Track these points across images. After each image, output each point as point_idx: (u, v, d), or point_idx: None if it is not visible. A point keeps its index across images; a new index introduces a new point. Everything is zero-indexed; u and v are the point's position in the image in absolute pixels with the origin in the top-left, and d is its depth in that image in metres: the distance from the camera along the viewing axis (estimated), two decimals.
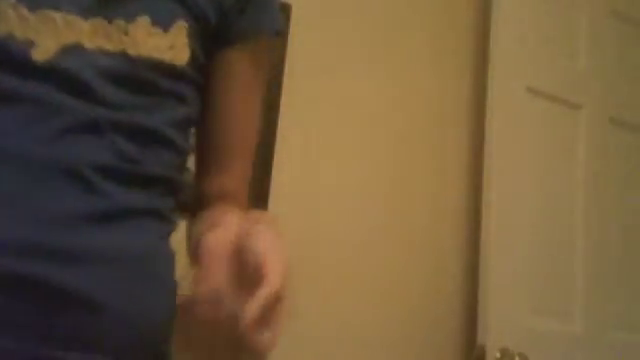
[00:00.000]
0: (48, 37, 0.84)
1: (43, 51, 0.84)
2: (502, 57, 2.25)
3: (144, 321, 0.85)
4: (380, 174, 2.33)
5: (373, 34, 2.37)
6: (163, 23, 0.89)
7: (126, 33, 0.87)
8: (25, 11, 0.84)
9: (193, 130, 1.03)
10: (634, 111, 2.58)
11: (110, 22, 0.87)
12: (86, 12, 0.86)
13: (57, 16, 0.84)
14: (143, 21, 0.88)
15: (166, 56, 0.89)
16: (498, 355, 2.05)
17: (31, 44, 0.83)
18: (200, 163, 1.03)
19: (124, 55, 0.87)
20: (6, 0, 0.83)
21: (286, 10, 2.17)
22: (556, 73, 2.39)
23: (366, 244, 2.26)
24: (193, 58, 0.93)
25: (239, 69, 1.01)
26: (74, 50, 0.85)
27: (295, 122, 2.17)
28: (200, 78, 0.97)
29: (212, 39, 0.96)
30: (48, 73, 0.84)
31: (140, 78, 0.88)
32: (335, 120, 2.27)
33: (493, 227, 2.15)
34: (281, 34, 1.04)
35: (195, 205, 1.00)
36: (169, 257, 0.92)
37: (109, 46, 0.86)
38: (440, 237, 2.41)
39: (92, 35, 0.86)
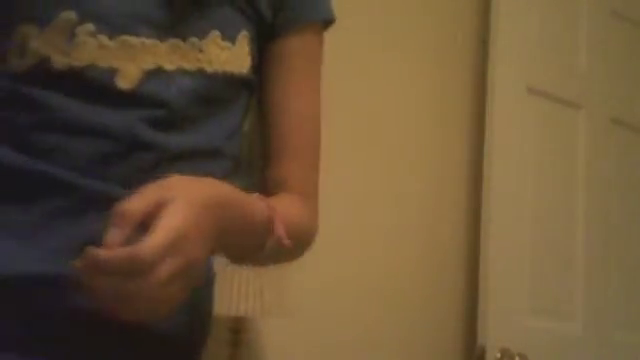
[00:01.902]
0: (130, 63, 0.84)
1: (127, 78, 0.84)
2: (502, 57, 2.25)
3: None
4: (380, 174, 2.33)
5: (373, 34, 2.37)
6: (231, 36, 0.91)
7: (201, 50, 0.88)
8: (105, 39, 0.84)
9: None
10: (634, 111, 2.58)
11: (185, 41, 0.88)
12: (162, 34, 0.86)
13: (137, 41, 0.85)
14: (214, 37, 0.90)
15: (235, 68, 0.91)
16: (498, 355, 2.05)
17: (115, 72, 0.84)
18: (262, 155, 1.05)
19: (202, 72, 0.88)
20: (85, 29, 0.83)
21: None
22: (556, 73, 2.39)
23: (366, 244, 2.27)
24: (252, 63, 0.95)
25: (289, 60, 1.00)
26: (157, 74, 0.86)
27: None
28: (256, 78, 0.98)
29: (265, 36, 0.98)
30: (133, 100, 0.84)
31: (216, 93, 0.90)
32: (335, 120, 2.27)
33: (493, 227, 2.15)
34: (331, 22, 1.04)
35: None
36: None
37: (187, 65, 0.87)
38: (440, 237, 2.41)
39: (171, 56, 0.86)
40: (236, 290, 1.66)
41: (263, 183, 1.03)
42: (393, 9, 2.42)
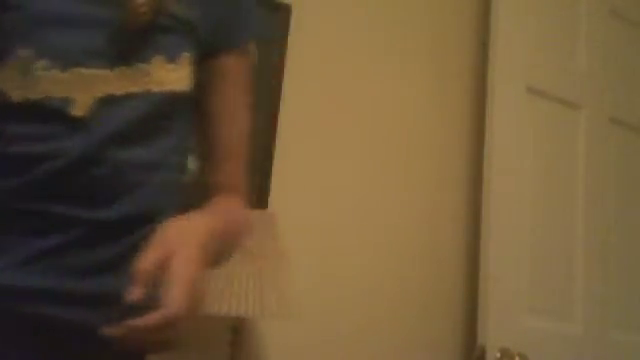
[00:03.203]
0: (83, 93, 0.93)
1: (80, 106, 0.93)
2: (502, 57, 2.25)
3: None
4: (380, 174, 2.33)
5: (373, 34, 2.37)
6: (174, 58, 1.00)
7: (148, 74, 0.97)
8: (59, 72, 0.93)
9: None
10: (634, 111, 2.58)
11: (132, 67, 0.97)
12: (111, 63, 0.95)
13: (88, 72, 0.94)
14: (159, 60, 0.99)
15: (179, 87, 1.01)
16: (498, 355, 2.05)
17: (69, 101, 0.93)
18: (201, 161, 1.14)
19: (149, 94, 0.97)
20: (40, 64, 0.92)
21: (286, 10, 2.17)
22: (556, 73, 2.39)
23: (366, 244, 2.27)
24: (193, 81, 1.04)
25: (229, 76, 1.11)
26: (108, 100, 0.95)
27: (295, 122, 2.17)
28: (197, 94, 1.07)
29: (204, 55, 1.07)
30: (87, 126, 0.93)
31: (163, 111, 1.00)
32: (335, 120, 2.27)
33: (493, 227, 2.15)
34: (265, 38, 1.13)
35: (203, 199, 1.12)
36: None
37: (135, 89, 0.97)
38: (440, 237, 2.41)
39: (120, 82, 0.96)
40: (236, 290, 1.66)
41: (204, 187, 1.14)
42: (393, 9, 2.42)
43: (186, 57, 1.02)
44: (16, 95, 0.92)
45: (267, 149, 2.09)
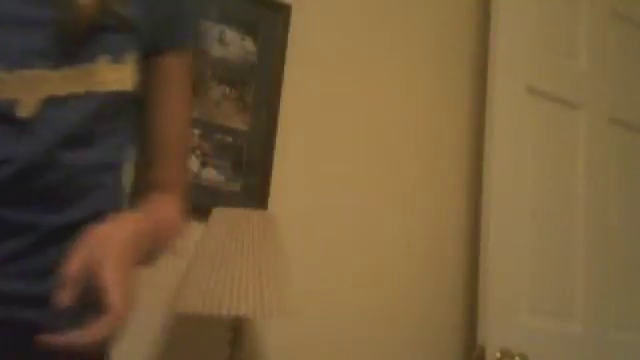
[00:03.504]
0: (28, 94, 0.94)
1: (25, 108, 0.93)
2: (502, 57, 2.25)
3: None
4: (379, 174, 2.33)
5: (373, 35, 2.37)
6: (119, 58, 1.01)
7: (92, 74, 0.98)
8: (3, 74, 0.93)
9: None
10: (634, 111, 2.58)
11: (77, 67, 0.97)
12: (55, 64, 0.96)
13: (32, 74, 0.94)
14: (104, 61, 1.00)
15: (124, 86, 1.02)
16: (498, 355, 2.05)
17: (14, 103, 0.93)
18: (141, 157, 1.15)
19: (92, 94, 0.98)
20: None
21: (286, 10, 2.17)
22: (556, 73, 2.39)
23: (366, 244, 2.27)
24: (138, 79, 1.05)
25: (170, 74, 1.13)
26: (52, 101, 0.95)
27: (295, 122, 2.17)
28: (141, 92, 1.09)
29: (147, 54, 1.09)
30: (33, 127, 0.94)
31: (108, 111, 1.01)
32: (335, 120, 2.27)
33: (493, 227, 2.15)
34: (202, 49, 1.20)
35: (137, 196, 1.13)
36: None
37: (79, 89, 0.97)
38: (440, 237, 2.41)
39: (64, 83, 0.96)
40: (236, 290, 1.66)
41: (141, 183, 1.13)
42: (393, 9, 2.42)
43: (130, 57, 1.03)
44: None
45: (267, 149, 2.09)
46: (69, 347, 0.80)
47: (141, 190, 1.11)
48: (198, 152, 1.99)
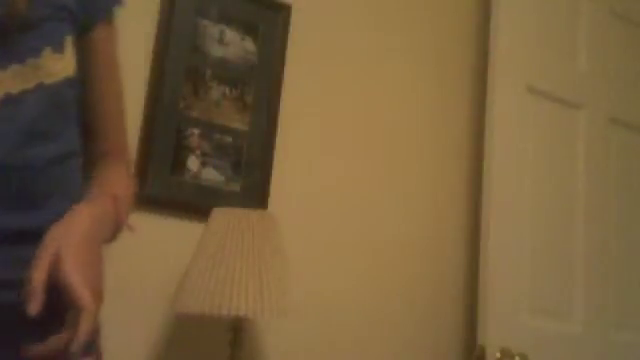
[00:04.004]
0: None
1: None
2: (502, 57, 2.25)
3: None
4: (379, 174, 2.33)
5: (373, 34, 2.37)
6: (60, 46, 1.03)
7: (39, 67, 1.00)
8: None
9: None
10: (634, 111, 2.58)
11: (24, 63, 0.99)
12: (4, 64, 0.97)
13: None
14: (47, 52, 1.01)
15: (68, 73, 1.04)
16: (498, 355, 2.05)
17: None
18: (84, 130, 1.17)
19: (42, 87, 1.00)
20: None
21: (286, 10, 2.17)
22: (556, 73, 2.39)
23: (366, 244, 2.27)
24: (75, 60, 1.08)
25: (100, 48, 1.16)
26: (7, 100, 0.97)
27: (295, 122, 2.17)
28: (80, 72, 1.11)
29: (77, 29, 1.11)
30: None
31: (60, 100, 1.04)
32: (335, 120, 2.27)
33: (493, 227, 2.15)
34: (116, 14, 1.22)
35: (87, 167, 1.16)
36: None
37: (29, 85, 0.99)
38: (440, 237, 2.41)
39: (14, 80, 0.98)
40: (236, 290, 1.66)
41: (88, 154, 1.16)
42: (393, 9, 2.42)
43: (68, 42, 1.05)
44: None
45: (267, 149, 2.09)
46: (55, 354, 0.84)
47: (87, 162, 1.14)
48: (198, 152, 1.99)
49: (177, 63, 1.98)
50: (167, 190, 1.94)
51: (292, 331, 2.06)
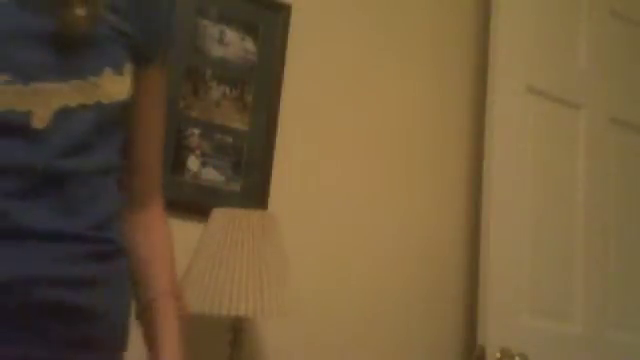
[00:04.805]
0: (43, 106, 1.00)
1: (41, 119, 0.99)
2: (502, 57, 2.25)
3: (123, 323, 1.13)
4: (380, 174, 2.33)
5: (373, 34, 2.37)
6: (119, 70, 1.08)
7: (98, 86, 1.05)
8: (21, 86, 0.98)
9: None
10: (634, 111, 2.58)
11: (85, 80, 1.03)
12: (66, 77, 1.02)
13: (47, 86, 1.00)
14: (107, 73, 1.06)
15: (123, 97, 1.09)
16: (498, 355, 2.05)
17: (30, 114, 0.99)
18: (128, 165, 1.21)
19: (99, 105, 1.05)
20: (2, 78, 0.98)
21: (286, 10, 2.17)
22: (556, 73, 2.39)
23: (366, 244, 2.27)
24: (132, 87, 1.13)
25: (155, 88, 1.23)
26: (64, 112, 1.01)
27: (295, 122, 2.17)
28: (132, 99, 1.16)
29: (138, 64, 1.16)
30: (46, 137, 1.00)
31: (110, 120, 1.08)
32: (335, 120, 2.27)
33: (493, 227, 2.15)
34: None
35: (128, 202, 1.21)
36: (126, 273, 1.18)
37: (87, 101, 1.04)
38: (440, 237, 2.41)
39: (74, 95, 1.02)
40: (236, 290, 1.66)
41: (128, 190, 1.21)
42: (393, 9, 2.42)
43: (128, 68, 1.10)
44: None
45: (267, 149, 2.09)
46: None
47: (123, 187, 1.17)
48: (198, 152, 1.99)
49: (177, 63, 1.98)
50: (167, 190, 1.93)
51: (292, 331, 2.06)
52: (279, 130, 2.12)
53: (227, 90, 2.06)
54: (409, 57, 2.44)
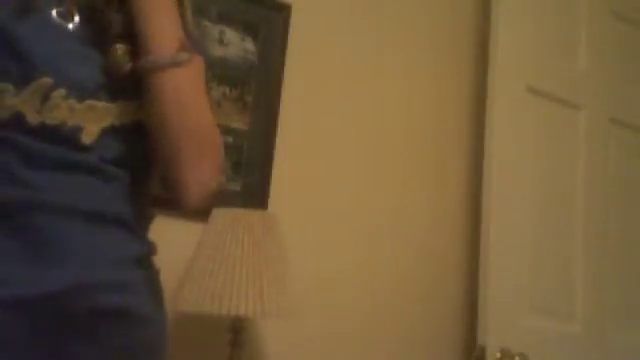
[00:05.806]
0: (93, 123, 1.06)
1: (89, 135, 1.06)
2: (502, 57, 2.25)
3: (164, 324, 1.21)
4: (380, 175, 2.33)
5: (373, 34, 2.37)
6: None
7: (140, 109, 1.10)
8: (75, 102, 1.04)
9: None
10: (634, 111, 2.58)
11: (130, 102, 1.09)
12: (114, 97, 1.08)
13: (98, 105, 1.06)
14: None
15: None
16: (498, 355, 2.05)
17: (80, 129, 1.05)
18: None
19: (138, 124, 1.10)
20: (59, 93, 1.03)
21: (286, 10, 2.17)
22: (556, 73, 2.39)
23: (366, 244, 2.27)
24: None
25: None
26: (110, 130, 1.08)
27: (295, 122, 2.17)
28: None
29: None
30: (92, 150, 1.06)
31: (142, 137, 1.13)
32: (335, 120, 2.27)
33: (493, 227, 2.15)
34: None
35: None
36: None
37: (129, 120, 1.10)
38: (440, 237, 2.41)
39: (120, 115, 1.09)
40: (236, 290, 1.66)
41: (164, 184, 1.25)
42: (393, 9, 2.42)
43: None
44: (33, 118, 1.02)
45: (267, 149, 2.09)
46: None
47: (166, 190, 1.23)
48: None
49: None
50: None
51: (292, 331, 2.06)
52: (279, 130, 2.12)
53: (227, 90, 2.06)
54: (409, 57, 2.44)
